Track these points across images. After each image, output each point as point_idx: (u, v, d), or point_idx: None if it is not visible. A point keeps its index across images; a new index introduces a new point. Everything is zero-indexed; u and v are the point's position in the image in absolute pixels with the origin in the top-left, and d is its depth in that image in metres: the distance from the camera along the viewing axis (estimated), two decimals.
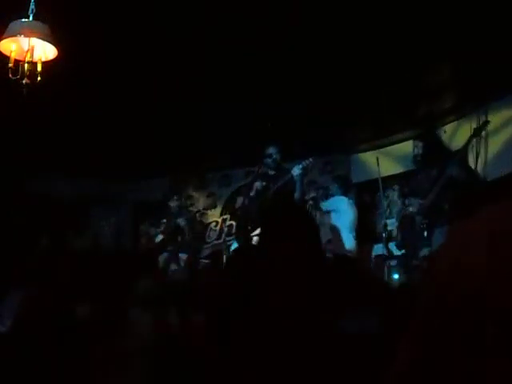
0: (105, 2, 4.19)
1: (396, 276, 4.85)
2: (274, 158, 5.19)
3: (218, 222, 7.89)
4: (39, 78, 3.40)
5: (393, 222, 5.64)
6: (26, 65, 3.37)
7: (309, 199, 6.72)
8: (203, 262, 6.83)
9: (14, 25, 3.38)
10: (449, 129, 5.94)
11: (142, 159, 7.16)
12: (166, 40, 4.79)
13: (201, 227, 7.65)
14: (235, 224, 7.40)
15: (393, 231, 5.47)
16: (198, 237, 7.04)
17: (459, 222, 0.63)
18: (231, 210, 7.71)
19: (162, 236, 6.40)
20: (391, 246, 5.28)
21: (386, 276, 4.96)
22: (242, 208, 5.73)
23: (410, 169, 6.24)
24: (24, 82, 3.36)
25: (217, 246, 7.58)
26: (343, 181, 6.22)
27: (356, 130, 6.61)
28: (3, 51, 3.43)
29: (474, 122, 5.18)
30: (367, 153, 6.79)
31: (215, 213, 7.95)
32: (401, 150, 6.57)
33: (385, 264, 5.18)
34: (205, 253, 7.33)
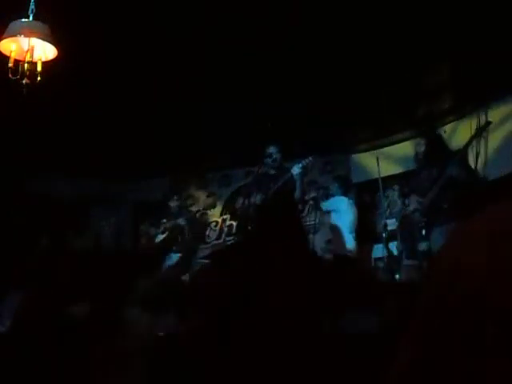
0: (105, 2, 4.19)
1: (396, 276, 4.86)
2: (274, 157, 5.19)
3: (217, 221, 7.89)
4: (39, 78, 3.40)
5: (393, 222, 5.64)
6: (25, 65, 3.37)
7: (309, 199, 6.72)
8: (202, 262, 6.81)
9: (14, 25, 3.38)
10: (449, 129, 5.93)
11: (141, 159, 7.16)
12: (166, 40, 4.79)
13: (200, 227, 7.64)
14: (235, 224, 7.40)
15: (393, 231, 5.46)
16: (196, 237, 7.03)
17: (459, 223, 0.63)
18: (231, 210, 7.70)
19: (162, 236, 6.40)
20: (391, 246, 5.28)
21: (386, 276, 4.96)
22: (242, 208, 5.73)
23: (410, 169, 6.24)
24: (24, 82, 3.36)
25: (217, 246, 7.57)
26: (343, 181, 6.22)
27: (356, 130, 6.61)
28: (3, 51, 3.43)
29: (474, 121, 5.17)
30: (367, 153, 6.79)
31: (215, 213, 7.95)
32: (401, 150, 6.57)
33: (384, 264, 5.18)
34: (205, 253, 7.32)
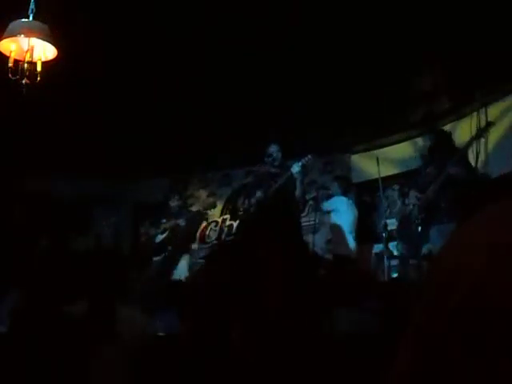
0: (105, 2, 4.19)
1: (396, 276, 4.86)
2: (274, 156, 5.19)
3: (217, 222, 7.88)
4: (39, 78, 3.40)
5: (393, 222, 5.63)
6: (25, 65, 3.37)
7: (309, 199, 6.71)
8: (201, 261, 6.80)
9: (14, 25, 3.38)
10: (449, 129, 5.93)
11: (142, 159, 7.16)
12: (166, 40, 4.79)
13: (196, 228, 7.62)
14: (235, 224, 7.39)
15: (393, 231, 5.46)
16: (188, 236, 6.97)
17: (460, 223, 0.63)
18: (231, 209, 7.70)
19: (162, 236, 6.39)
20: (391, 245, 5.27)
21: (386, 276, 4.95)
22: (242, 207, 5.72)
23: (410, 169, 6.24)
24: (24, 81, 3.36)
25: (214, 246, 7.56)
26: (343, 181, 6.22)
27: (356, 130, 6.60)
28: (3, 51, 3.42)
29: (474, 121, 5.17)
30: (367, 153, 6.78)
31: (215, 213, 7.94)
32: (401, 150, 6.57)
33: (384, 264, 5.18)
34: (204, 253, 7.31)
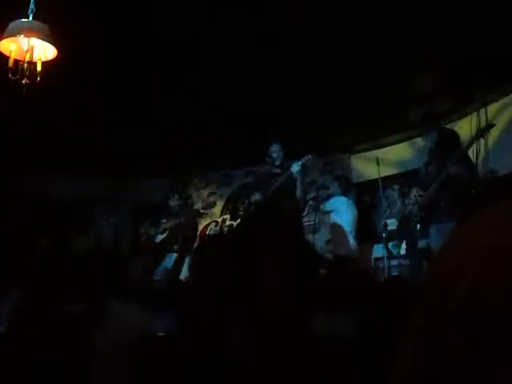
0: (105, 2, 4.19)
1: (396, 276, 4.86)
2: (276, 156, 5.20)
3: (218, 222, 7.88)
4: (39, 78, 3.40)
5: (393, 222, 5.64)
6: (25, 65, 3.37)
7: (309, 199, 6.71)
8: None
9: (14, 25, 3.38)
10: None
11: (142, 159, 7.16)
12: (166, 40, 4.79)
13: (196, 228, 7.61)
14: (235, 224, 7.39)
15: (393, 231, 5.46)
16: (189, 236, 6.96)
17: (460, 223, 0.63)
18: (231, 209, 7.70)
19: (162, 236, 6.39)
20: (391, 245, 5.28)
21: (386, 276, 4.96)
22: (242, 208, 5.72)
23: (410, 169, 6.24)
24: (24, 82, 3.36)
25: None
26: (343, 181, 6.21)
27: (356, 130, 6.61)
28: (3, 51, 3.42)
29: (474, 121, 5.16)
30: (367, 153, 6.79)
31: (215, 212, 7.94)
32: (400, 150, 6.57)
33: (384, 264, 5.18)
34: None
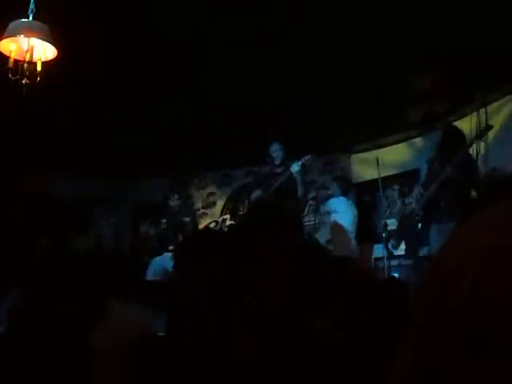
0: (105, 2, 4.19)
1: (396, 276, 4.86)
2: (276, 156, 5.20)
3: (217, 221, 7.88)
4: (39, 78, 3.40)
5: (393, 222, 5.63)
6: (25, 65, 3.37)
7: (309, 199, 6.71)
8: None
9: (14, 25, 3.38)
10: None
11: (142, 159, 7.16)
12: (166, 40, 4.79)
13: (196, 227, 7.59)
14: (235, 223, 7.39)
15: (393, 231, 5.46)
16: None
17: (460, 223, 0.63)
18: (231, 209, 7.70)
19: (161, 236, 6.39)
20: (390, 245, 5.27)
21: (386, 276, 4.95)
22: (242, 208, 5.72)
23: (410, 169, 6.25)
24: (24, 82, 3.36)
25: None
26: (343, 181, 6.22)
27: (356, 130, 6.61)
28: (3, 51, 3.42)
29: (474, 121, 5.16)
30: (367, 153, 6.79)
31: (215, 212, 7.94)
32: (400, 150, 6.57)
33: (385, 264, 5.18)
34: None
